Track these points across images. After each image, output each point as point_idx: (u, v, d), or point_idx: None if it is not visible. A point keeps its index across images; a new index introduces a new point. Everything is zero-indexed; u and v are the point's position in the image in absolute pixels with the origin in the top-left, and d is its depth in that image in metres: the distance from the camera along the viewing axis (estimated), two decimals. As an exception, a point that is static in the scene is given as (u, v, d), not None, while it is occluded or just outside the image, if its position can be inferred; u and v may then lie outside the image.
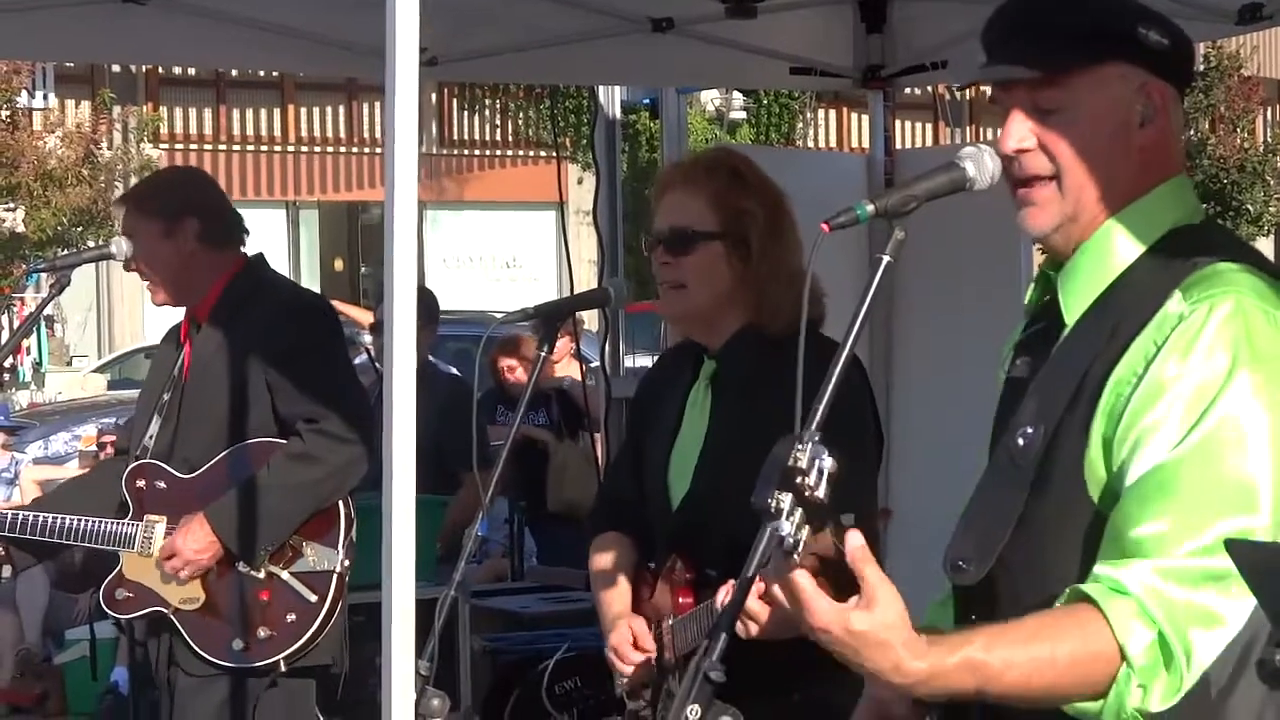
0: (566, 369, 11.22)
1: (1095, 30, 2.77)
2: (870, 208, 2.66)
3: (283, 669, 5.42)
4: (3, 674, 11.08)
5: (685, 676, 2.60)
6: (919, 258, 7.02)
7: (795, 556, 2.46)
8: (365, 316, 12.62)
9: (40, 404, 23.45)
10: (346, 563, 5.44)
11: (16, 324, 23.76)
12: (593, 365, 10.09)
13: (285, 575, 5.44)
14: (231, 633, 5.43)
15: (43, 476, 12.95)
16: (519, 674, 6.99)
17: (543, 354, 4.21)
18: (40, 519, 5.62)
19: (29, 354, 26.89)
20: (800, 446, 2.44)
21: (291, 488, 5.40)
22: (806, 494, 2.43)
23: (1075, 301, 2.78)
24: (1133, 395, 2.61)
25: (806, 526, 2.44)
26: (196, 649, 5.46)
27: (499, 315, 5.61)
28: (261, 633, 5.41)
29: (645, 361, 8.89)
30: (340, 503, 5.47)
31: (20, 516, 5.64)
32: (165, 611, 5.50)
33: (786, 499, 2.42)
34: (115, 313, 31.18)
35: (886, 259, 2.65)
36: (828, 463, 2.45)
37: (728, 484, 4.01)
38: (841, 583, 2.53)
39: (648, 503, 4.38)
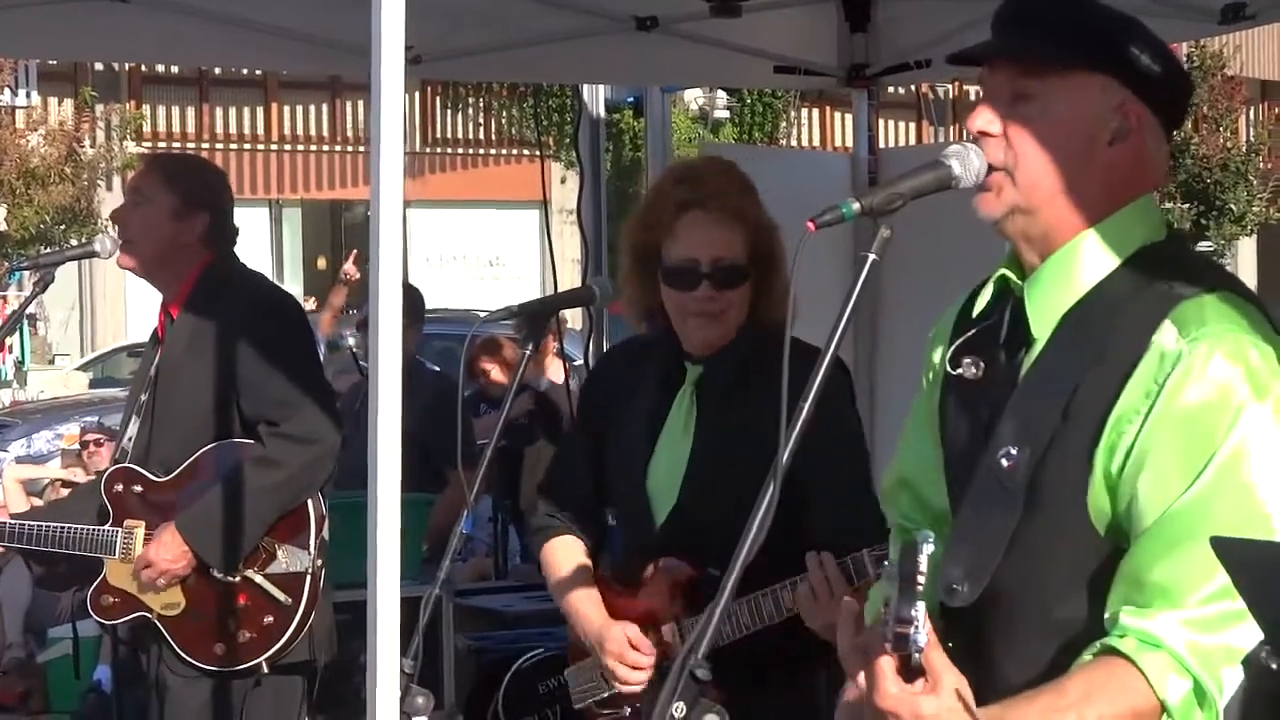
0: (549, 368, 11.22)
1: (1088, 36, 2.78)
2: (856, 206, 2.66)
3: (265, 670, 5.42)
4: (-15, 672, 11.06)
5: (670, 674, 2.59)
6: (903, 258, 7.02)
7: (916, 657, 2.44)
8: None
9: (22, 402, 23.40)
10: (319, 562, 5.43)
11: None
12: (576, 364, 10.10)
13: (258, 579, 5.43)
14: (213, 637, 5.44)
15: (25, 475, 12.89)
16: (503, 672, 6.99)
17: (528, 352, 4.21)
18: (23, 527, 5.63)
19: (11, 352, 26.84)
20: (921, 552, 2.40)
21: (255, 493, 5.38)
22: (921, 591, 2.41)
23: (1042, 315, 2.78)
24: (1139, 435, 2.62)
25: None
26: (180, 653, 5.46)
27: (483, 314, 5.59)
28: (241, 636, 5.42)
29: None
30: (309, 502, 5.47)
31: (7, 525, 5.65)
32: (149, 617, 5.50)
33: (921, 609, 2.39)
34: (98, 311, 31.12)
35: (872, 257, 2.65)
36: (930, 550, 2.40)
37: (722, 486, 4.03)
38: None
39: (619, 503, 4.36)
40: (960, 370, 2.90)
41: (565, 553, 4.44)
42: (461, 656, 7.00)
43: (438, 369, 10.67)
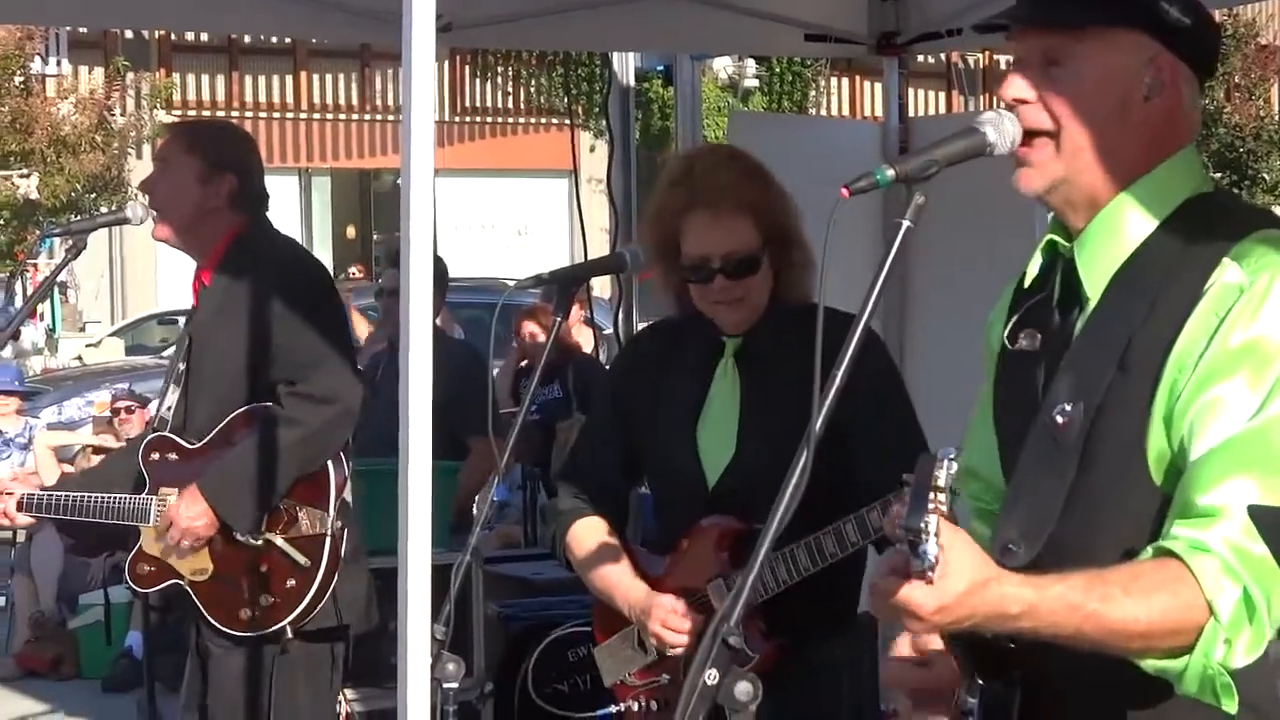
0: (578, 336, 11.24)
1: None
2: (890, 172, 2.65)
3: (289, 634, 5.43)
4: (18, 638, 11.11)
5: (703, 641, 2.59)
6: (932, 225, 7.02)
7: (930, 573, 2.43)
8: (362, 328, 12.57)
9: (54, 369, 23.49)
10: (339, 524, 5.43)
11: (31, 289, 23.77)
12: (605, 333, 10.10)
13: (280, 541, 5.43)
14: (239, 602, 5.45)
15: (56, 442, 12.97)
16: (532, 639, 7.01)
17: (558, 320, 4.22)
18: (60, 498, 5.64)
19: (42, 320, 26.93)
20: (939, 463, 2.41)
21: (271, 454, 5.38)
22: (938, 507, 2.41)
23: (1094, 274, 2.76)
24: (1199, 365, 2.60)
25: (937, 537, 2.42)
26: (210, 619, 5.49)
27: (510, 282, 5.58)
28: (265, 600, 5.43)
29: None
30: (330, 464, 5.46)
31: (42, 496, 5.67)
32: (181, 584, 5.53)
33: (932, 521, 2.39)
34: (128, 278, 31.20)
35: (906, 224, 2.64)
36: (953, 468, 2.42)
37: (773, 447, 4.04)
38: None
39: (662, 479, 4.40)
40: (1019, 345, 2.88)
41: (593, 533, 4.45)
42: (491, 624, 7.03)
43: (461, 337, 10.69)
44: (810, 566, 4.05)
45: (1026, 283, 2.90)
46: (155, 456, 5.59)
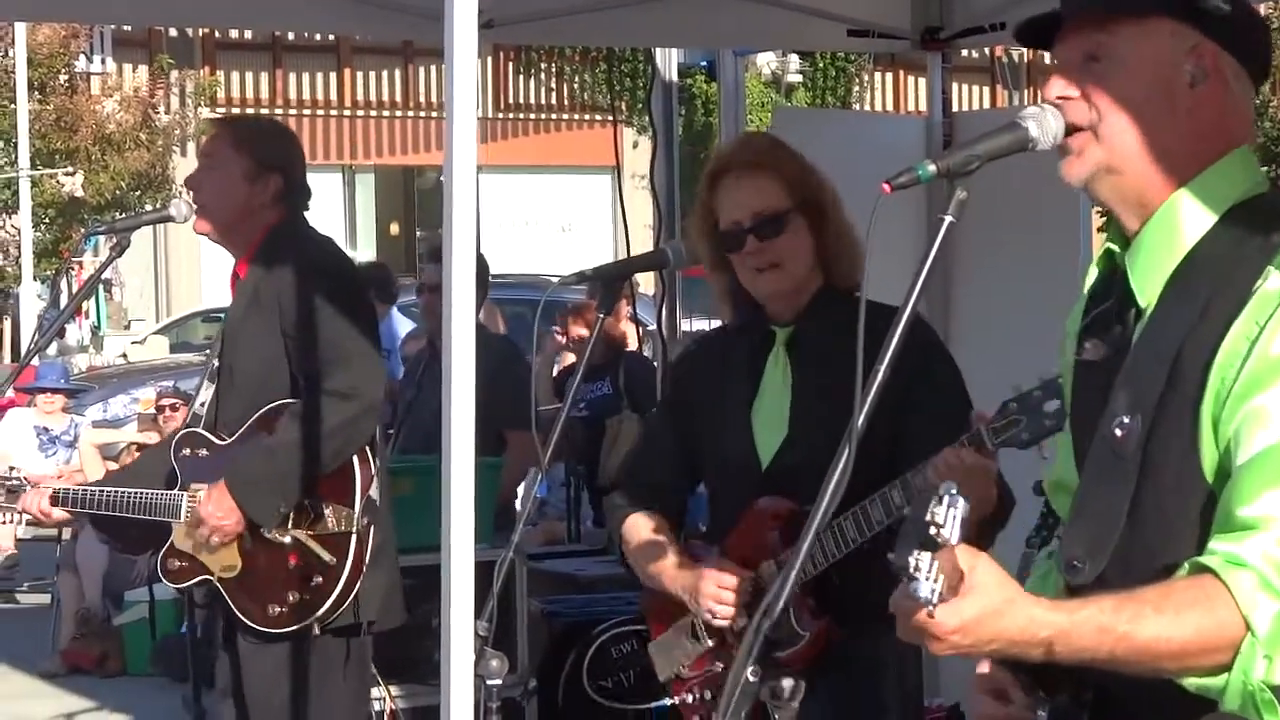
0: (628, 333, 11.23)
1: None
2: (932, 168, 2.63)
3: (317, 631, 5.43)
4: (63, 635, 11.16)
5: (745, 636, 2.58)
6: (976, 220, 7.00)
7: (933, 609, 2.41)
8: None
9: (99, 367, 23.59)
10: (364, 521, 5.44)
11: (76, 288, 23.86)
12: (649, 329, 10.09)
13: (306, 539, 5.43)
14: (267, 599, 5.45)
15: (101, 440, 13.02)
16: (576, 636, 7.01)
17: (601, 318, 4.22)
18: (94, 493, 5.67)
19: (87, 318, 27.05)
20: (937, 502, 2.37)
21: (293, 449, 5.39)
22: (941, 543, 2.37)
23: (1147, 281, 2.74)
24: (1239, 374, 2.57)
25: (941, 578, 2.39)
26: (240, 615, 5.50)
27: (554, 279, 5.58)
28: (292, 597, 5.42)
29: (702, 325, 8.87)
30: (356, 460, 5.45)
31: (77, 492, 5.69)
32: (211, 579, 5.55)
33: (925, 559, 2.37)
34: (173, 276, 31.33)
35: (949, 219, 2.63)
36: (962, 507, 2.38)
37: (824, 430, 4.04)
38: None
39: (717, 468, 4.42)
40: (1085, 355, 2.87)
41: (646, 526, 4.47)
42: (534, 620, 7.03)
43: (502, 332, 10.70)
44: (858, 537, 4.04)
45: (1086, 291, 2.89)
46: (186, 452, 5.60)
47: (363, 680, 5.67)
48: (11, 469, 5.96)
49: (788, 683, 2.58)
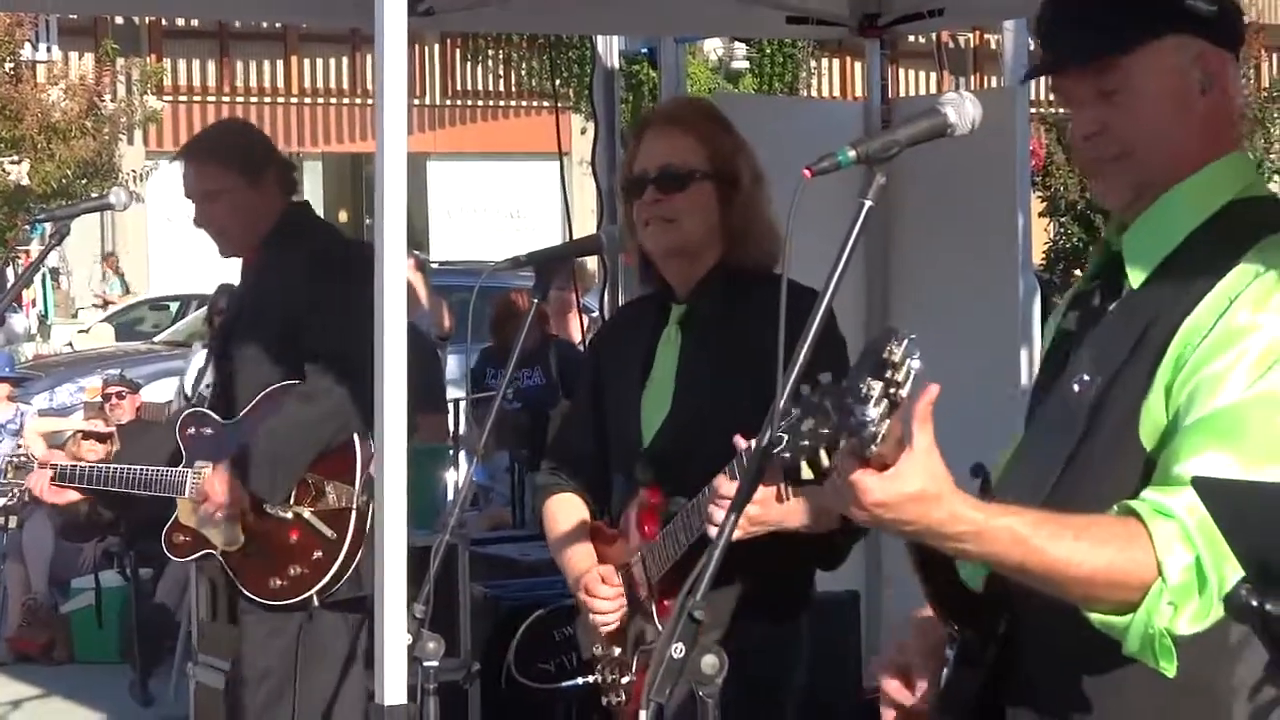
0: (572, 325, 11.22)
1: (1146, 7, 2.81)
2: (852, 153, 2.68)
3: (316, 603, 5.57)
4: (9, 623, 11.14)
5: (670, 615, 2.62)
6: (916, 204, 7.05)
7: (873, 447, 2.43)
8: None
9: (46, 355, 23.50)
10: (364, 498, 5.53)
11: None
12: (593, 316, 10.11)
13: (307, 515, 5.58)
14: (269, 572, 5.62)
15: (46, 429, 12.99)
16: (520, 620, 7.03)
17: (535, 303, 4.24)
18: (98, 470, 5.85)
19: (35, 306, 26.94)
20: (896, 341, 2.41)
21: (295, 427, 5.53)
22: (893, 390, 2.40)
23: (1138, 266, 2.81)
24: (1201, 343, 2.64)
25: (887, 421, 2.41)
26: (242, 588, 5.67)
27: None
28: (293, 570, 5.59)
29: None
30: (358, 439, 5.55)
31: (81, 469, 5.86)
32: (214, 554, 5.70)
33: (877, 387, 2.40)
34: (120, 265, 31.18)
35: (868, 204, 2.67)
36: (917, 364, 2.41)
37: (701, 415, 4.07)
38: None
39: (614, 448, 4.38)
40: (1064, 324, 2.94)
41: (563, 509, 4.47)
42: (479, 604, 7.05)
43: (447, 324, 10.73)
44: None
45: (1086, 276, 2.95)
46: (191, 431, 5.77)
47: (359, 653, 5.76)
48: (19, 447, 6.07)
49: (710, 659, 2.61)
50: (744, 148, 4.32)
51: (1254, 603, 2.17)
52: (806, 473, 2.71)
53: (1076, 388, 2.76)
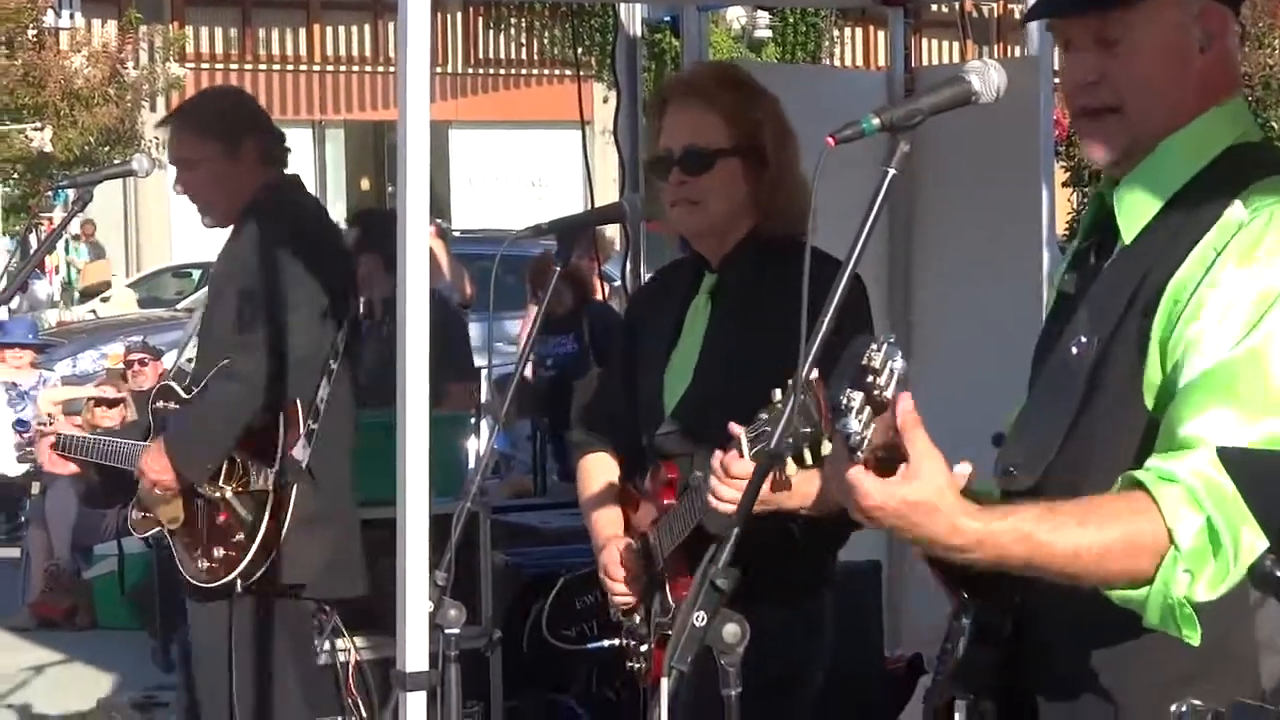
0: (595, 292, 11.21)
1: None
2: (876, 121, 2.68)
3: (239, 588, 5.48)
4: (32, 589, 11.17)
5: (693, 583, 2.63)
6: (939, 173, 7.03)
7: (859, 454, 2.47)
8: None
9: (68, 322, 23.53)
10: (284, 480, 5.47)
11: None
12: (615, 284, 10.11)
13: (229, 495, 5.50)
14: (200, 553, 5.56)
15: (60, 398, 13.02)
16: (541, 587, 7.04)
17: (557, 270, 4.23)
18: (91, 441, 5.90)
19: (58, 273, 26.97)
20: (875, 347, 2.44)
21: (214, 405, 5.47)
22: (876, 393, 2.44)
23: (1131, 220, 2.80)
24: (1192, 297, 2.64)
25: (873, 425, 2.45)
26: (180, 568, 5.61)
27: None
28: (217, 552, 5.52)
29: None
30: (283, 419, 5.48)
31: (78, 439, 5.89)
32: (163, 532, 5.66)
33: (858, 397, 2.43)
34: (142, 232, 31.23)
35: (891, 172, 2.67)
36: (899, 364, 2.45)
37: (726, 388, 4.05)
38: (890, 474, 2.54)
39: (639, 415, 4.38)
40: (1063, 286, 2.93)
41: (596, 469, 4.47)
42: (500, 572, 7.06)
43: (469, 292, 10.73)
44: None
45: (1081, 234, 2.94)
46: (159, 404, 5.73)
47: (299, 644, 5.70)
48: (49, 414, 6.12)
49: (732, 628, 2.61)
50: (769, 112, 4.25)
51: (1279, 573, 2.17)
52: (791, 467, 2.76)
53: (1075, 350, 2.77)
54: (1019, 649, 2.79)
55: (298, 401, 5.46)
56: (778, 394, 3.23)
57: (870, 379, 2.43)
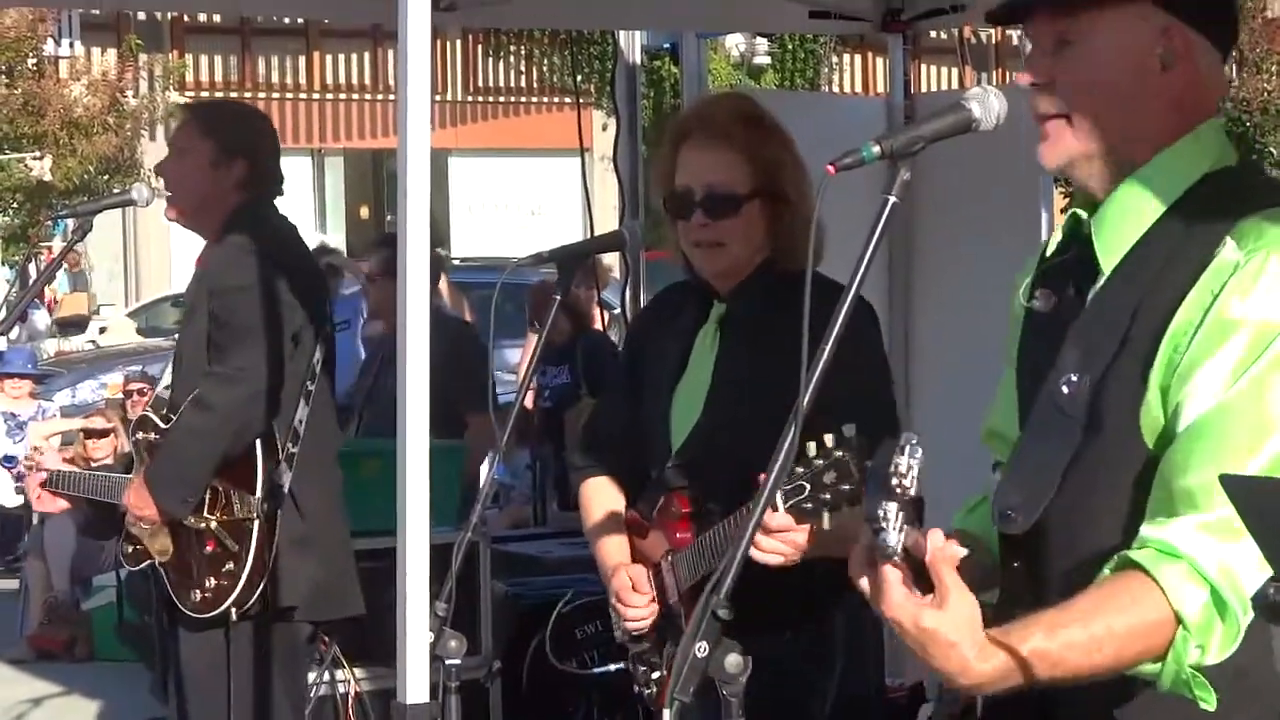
0: (594, 320, 11.20)
1: None
2: (876, 149, 2.66)
3: (234, 618, 5.45)
4: (31, 620, 11.15)
5: (694, 613, 2.61)
6: (939, 200, 7.03)
7: (896, 559, 2.49)
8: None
9: (67, 352, 23.51)
10: (266, 507, 5.44)
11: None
12: (614, 312, 10.10)
13: (214, 525, 5.47)
14: (192, 583, 5.52)
15: (50, 432, 13.00)
16: (541, 617, 7.03)
17: (557, 299, 4.21)
18: (79, 476, 5.86)
19: (58, 303, 26.96)
20: (900, 453, 2.45)
21: (190, 436, 5.44)
22: (902, 494, 2.45)
23: (1110, 247, 2.77)
24: (1191, 344, 2.61)
25: (905, 529, 2.46)
26: (174, 598, 5.56)
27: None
28: (209, 582, 5.48)
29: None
30: (260, 445, 5.45)
31: (66, 475, 5.86)
32: (155, 563, 5.61)
33: (891, 508, 2.44)
34: (142, 261, 31.24)
35: (892, 200, 2.65)
36: (919, 461, 2.46)
37: (736, 419, 4.02)
38: (922, 572, 2.55)
39: (643, 443, 4.35)
40: (1034, 304, 2.90)
41: (599, 494, 4.45)
42: (500, 602, 7.05)
43: (467, 318, 10.72)
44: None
45: (1049, 252, 2.91)
46: (139, 435, 5.69)
47: (294, 668, 5.68)
48: (35, 447, 6.08)
49: (735, 659, 2.59)
50: (789, 149, 4.23)
51: (1282, 601, 2.15)
52: (827, 522, 2.75)
53: (1066, 389, 2.73)
54: (1040, 693, 2.76)
55: (275, 426, 5.44)
56: (813, 447, 3.26)
57: (896, 483, 2.45)
